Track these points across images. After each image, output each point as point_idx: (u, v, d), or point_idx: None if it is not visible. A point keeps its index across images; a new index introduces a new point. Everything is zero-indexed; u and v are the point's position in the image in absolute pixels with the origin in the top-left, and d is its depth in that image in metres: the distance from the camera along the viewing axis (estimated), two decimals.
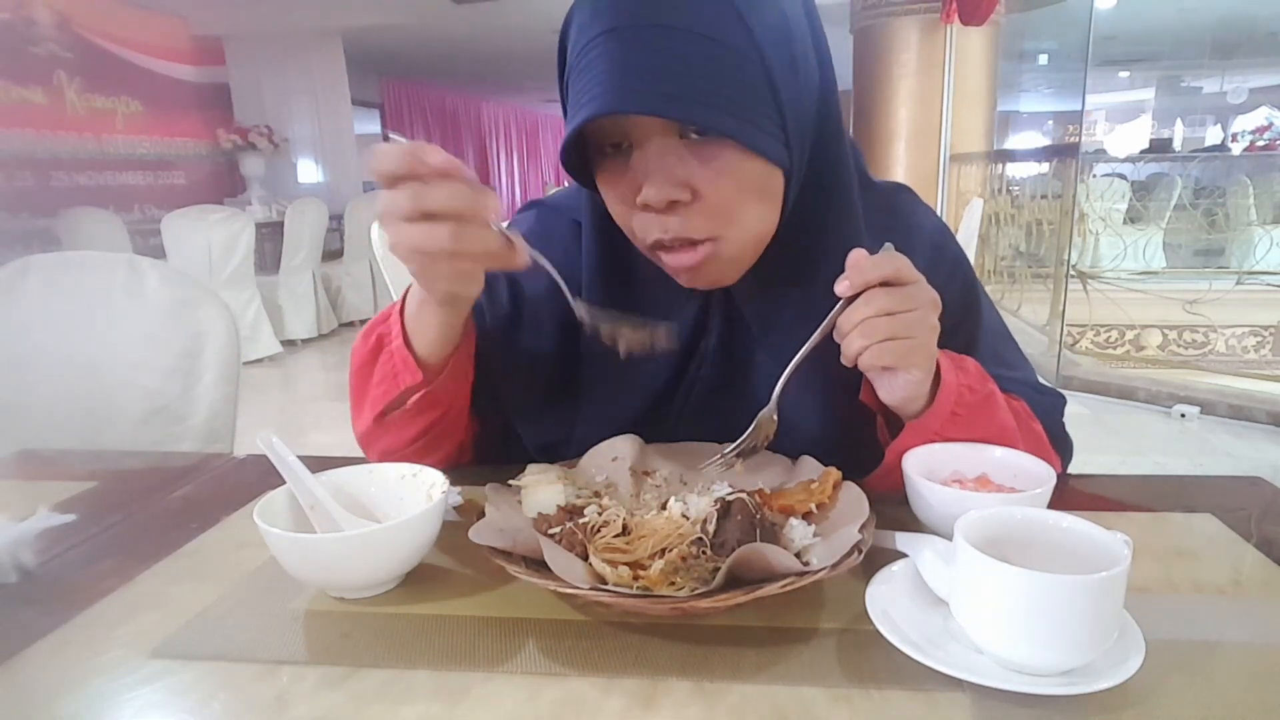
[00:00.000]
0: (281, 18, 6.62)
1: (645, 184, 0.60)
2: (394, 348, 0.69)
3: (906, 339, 0.59)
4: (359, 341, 0.73)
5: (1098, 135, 10.24)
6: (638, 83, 0.56)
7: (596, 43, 0.58)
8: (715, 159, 0.60)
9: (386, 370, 0.70)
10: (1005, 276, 5.38)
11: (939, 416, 0.65)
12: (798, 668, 0.48)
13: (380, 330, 0.71)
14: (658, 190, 0.59)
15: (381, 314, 0.72)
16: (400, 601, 0.57)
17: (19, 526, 0.64)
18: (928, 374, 0.63)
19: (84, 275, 1.21)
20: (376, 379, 0.71)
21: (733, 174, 0.60)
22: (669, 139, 0.60)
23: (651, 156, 0.60)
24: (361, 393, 0.73)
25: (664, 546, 0.55)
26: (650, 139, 0.60)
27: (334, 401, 4.40)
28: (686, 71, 0.56)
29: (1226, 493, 0.74)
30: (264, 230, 5.44)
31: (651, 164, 0.60)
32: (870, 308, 0.59)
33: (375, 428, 0.73)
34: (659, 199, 0.59)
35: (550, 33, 3.16)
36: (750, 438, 0.66)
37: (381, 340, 0.70)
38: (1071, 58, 7.05)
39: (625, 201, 0.63)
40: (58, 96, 5.38)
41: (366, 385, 0.72)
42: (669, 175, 0.59)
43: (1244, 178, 5.78)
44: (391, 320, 0.69)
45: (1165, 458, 3.10)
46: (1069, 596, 0.43)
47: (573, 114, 0.59)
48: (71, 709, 0.47)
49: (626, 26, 0.57)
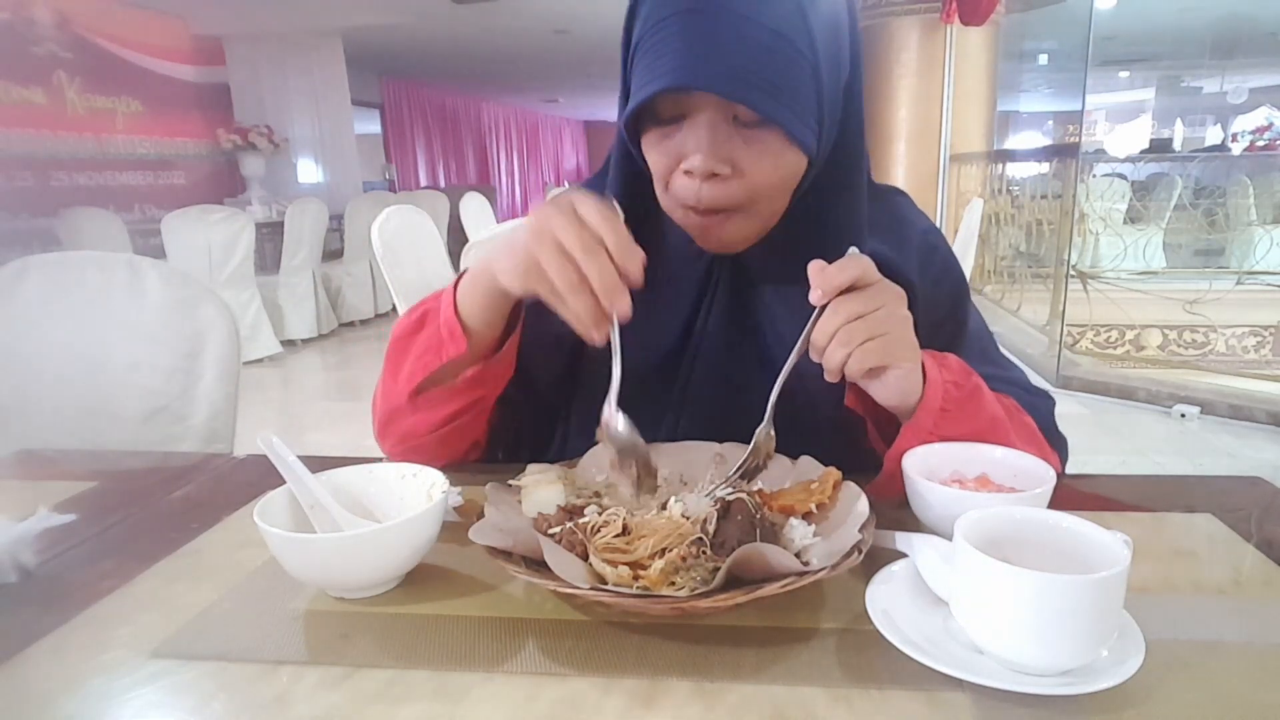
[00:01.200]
0: (281, 18, 6.61)
1: (693, 153, 0.64)
2: (443, 319, 0.71)
3: (884, 335, 0.61)
4: (403, 318, 0.76)
5: (1098, 135, 10.24)
6: (710, 63, 0.61)
7: (672, 21, 0.62)
8: (758, 142, 0.65)
9: (432, 341, 0.72)
10: (1005, 276, 5.38)
11: (930, 413, 0.66)
12: (798, 668, 0.49)
13: (428, 305, 0.74)
14: (703, 161, 0.64)
15: (427, 297, 0.75)
16: (400, 601, 0.57)
17: (19, 526, 0.64)
18: (915, 364, 0.65)
19: (84, 275, 1.21)
20: (419, 350, 0.73)
21: (771, 159, 0.66)
22: (720, 117, 0.64)
23: (703, 130, 0.64)
24: (397, 365, 0.75)
25: (664, 546, 0.55)
26: (703, 113, 0.64)
27: (334, 401, 4.40)
28: (753, 59, 0.61)
29: (1226, 493, 0.74)
30: (264, 230, 5.44)
31: (702, 137, 0.64)
32: (840, 315, 0.61)
33: (406, 405, 0.74)
34: (703, 169, 0.64)
35: (551, 33, 3.16)
36: (751, 458, 0.66)
37: (427, 315, 0.73)
38: (1071, 58, 7.06)
39: (667, 164, 0.67)
40: (58, 96, 5.38)
41: (404, 358, 0.74)
42: (716, 150, 0.64)
43: (1244, 178, 5.79)
44: (443, 296, 0.72)
45: (1165, 458, 3.10)
46: (1069, 596, 0.43)
47: (644, 82, 0.63)
48: (71, 709, 0.47)
49: (703, 9, 0.61)
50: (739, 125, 0.65)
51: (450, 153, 12.17)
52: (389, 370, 0.76)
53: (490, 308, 0.70)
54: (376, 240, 2.34)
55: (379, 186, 9.53)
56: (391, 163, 10.64)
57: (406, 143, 10.96)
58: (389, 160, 10.68)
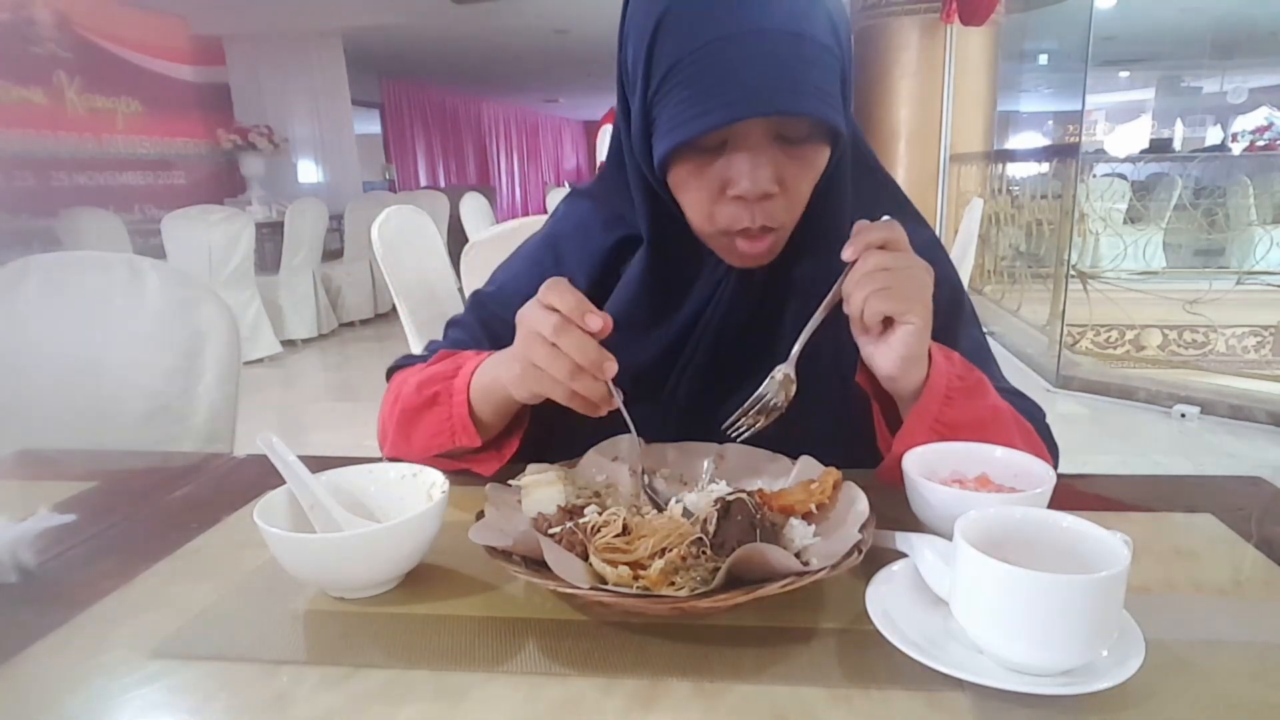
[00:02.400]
0: (281, 18, 6.61)
1: (744, 178, 0.64)
2: (455, 414, 0.73)
3: (902, 286, 0.64)
4: (412, 391, 0.76)
5: (1098, 135, 10.24)
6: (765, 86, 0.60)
7: (710, 50, 0.61)
8: (800, 158, 0.66)
9: (444, 425, 0.74)
10: (1005, 276, 5.38)
11: (935, 397, 0.67)
12: (798, 668, 0.49)
13: (437, 389, 0.75)
14: (754, 184, 0.64)
15: (442, 368, 0.76)
16: (400, 601, 0.57)
17: (19, 526, 0.64)
18: (926, 326, 0.66)
19: (84, 275, 1.21)
20: (430, 430, 0.75)
21: (813, 167, 0.67)
22: (766, 138, 0.64)
23: (753, 154, 0.64)
24: (407, 432, 0.77)
25: (664, 546, 0.55)
26: (750, 139, 0.64)
27: (334, 401, 4.40)
28: (800, 72, 0.61)
29: (1226, 493, 0.74)
30: (264, 230, 5.43)
31: (754, 161, 0.64)
32: (868, 264, 0.64)
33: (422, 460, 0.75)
34: (755, 192, 0.64)
35: (551, 33, 3.15)
36: (771, 393, 0.68)
37: (438, 398, 0.75)
38: (1071, 58, 7.05)
39: (712, 193, 0.67)
40: (58, 96, 5.38)
41: (413, 429, 0.76)
42: (765, 172, 0.64)
43: (1244, 178, 5.78)
44: (454, 385, 0.74)
45: (1165, 458, 3.10)
46: (1069, 596, 0.43)
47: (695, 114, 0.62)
48: (71, 709, 0.47)
49: (742, 33, 0.60)
50: (782, 143, 0.65)
51: (450, 153, 12.17)
52: (399, 431, 0.77)
53: (501, 413, 0.73)
54: (376, 240, 2.33)
55: (379, 186, 9.54)
56: (391, 163, 10.64)
57: (406, 143, 10.95)
58: (389, 160, 10.68)
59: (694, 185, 0.67)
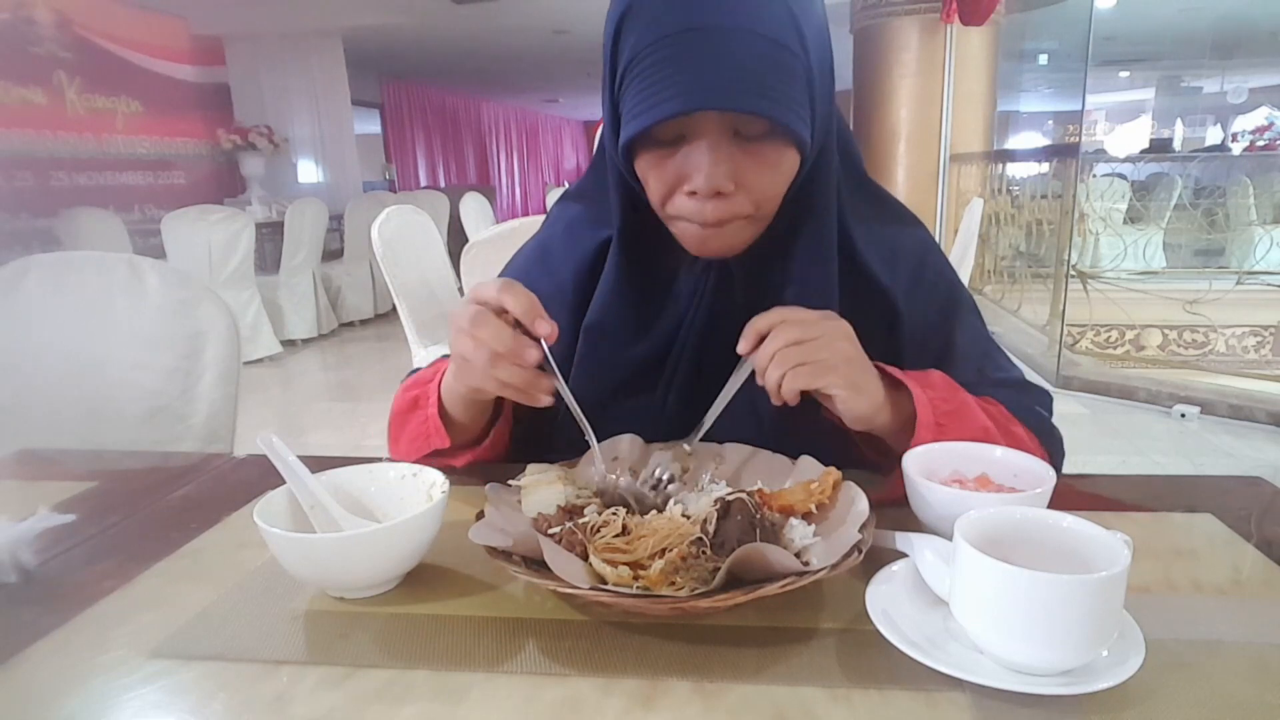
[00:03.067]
0: (281, 18, 6.61)
1: (697, 174, 0.64)
2: (429, 414, 0.75)
3: (816, 361, 0.64)
4: (400, 393, 0.80)
5: (1098, 135, 10.24)
6: (715, 81, 0.60)
7: (668, 43, 0.61)
8: (758, 155, 0.65)
9: (419, 430, 0.76)
10: (1005, 276, 5.38)
11: (927, 429, 0.67)
12: (798, 668, 0.49)
13: (418, 393, 0.77)
14: (708, 181, 0.64)
15: (425, 373, 0.79)
16: (400, 601, 0.57)
17: (19, 526, 0.64)
18: (857, 391, 0.66)
19: (84, 275, 1.21)
20: (411, 434, 0.77)
21: (773, 167, 0.66)
22: (722, 135, 0.64)
23: (706, 151, 0.64)
24: (398, 432, 0.80)
25: (664, 546, 0.55)
26: (705, 134, 0.64)
27: (334, 401, 4.40)
28: (755, 71, 0.61)
29: (1226, 493, 0.74)
30: (264, 230, 5.44)
31: (705, 157, 0.64)
32: (777, 341, 0.64)
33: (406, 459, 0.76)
34: (708, 188, 0.64)
35: (551, 33, 3.16)
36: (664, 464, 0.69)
37: (418, 401, 0.77)
38: (1071, 58, 7.05)
39: (668, 185, 0.67)
40: (58, 96, 5.37)
41: (402, 431, 0.79)
42: (720, 169, 0.64)
43: (1244, 178, 5.78)
44: (430, 388, 0.75)
45: (1165, 458, 3.09)
46: (1069, 596, 0.43)
47: (646, 106, 0.62)
48: (71, 709, 0.47)
49: (698, 27, 0.60)
50: (739, 140, 0.64)
51: (450, 153, 12.17)
52: (392, 435, 0.81)
53: (467, 409, 0.73)
54: (376, 240, 2.34)
55: (379, 186, 9.53)
56: (391, 163, 10.64)
57: (406, 143, 10.95)
58: (389, 160, 10.68)
59: (652, 177, 0.68)
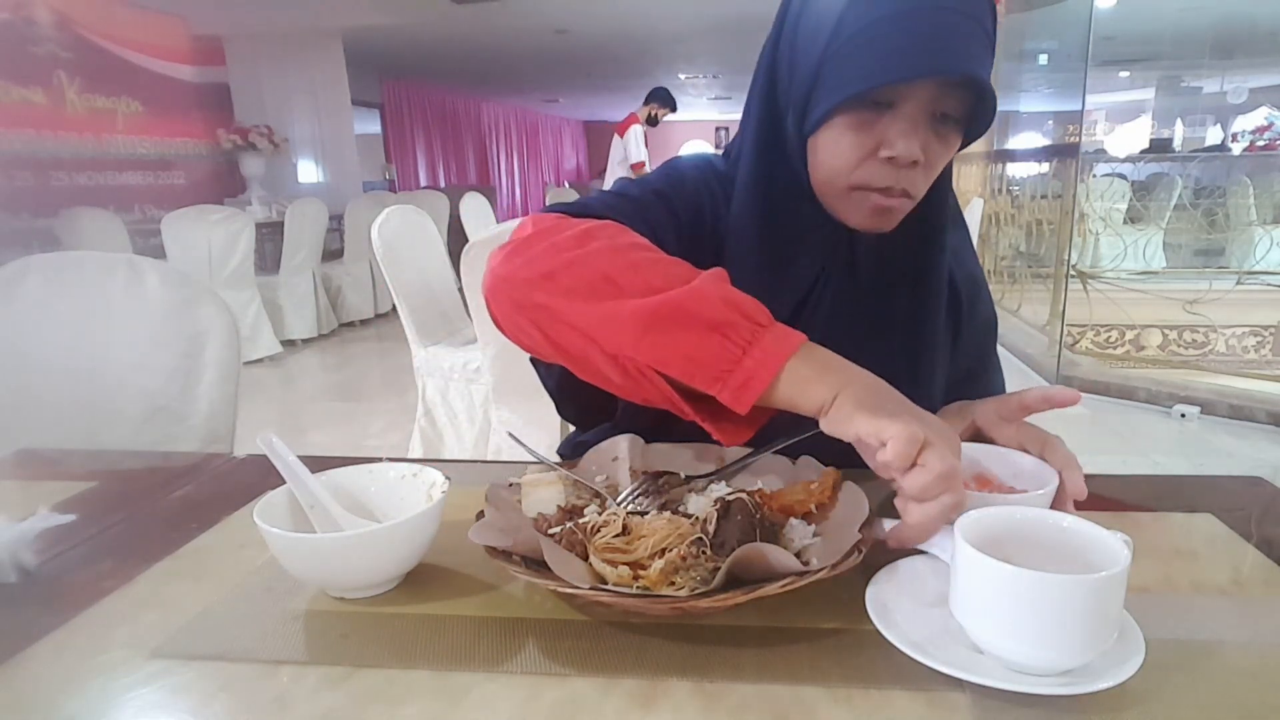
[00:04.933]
0: (281, 18, 6.61)
1: (900, 140, 0.67)
2: (751, 366, 0.55)
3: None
4: (707, 282, 0.58)
5: (1098, 135, 10.23)
6: (964, 51, 0.64)
7: (889, 21, 0.64)
8: (946, 137, 0.69)
9: (717, 358, 0.55)
10: (1005, 276, 5.38)
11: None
12: (798, 668, 0.49)
13: (736, 319, 0.56)
14: (908, 149, 0.66)
15: (739, 298, 0.57)
16: (400, 601, 0.57)
17: (19, 526, 0.64)
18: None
19: (84, 275, 1.21)
20: (690, 348, 0.55)
21: (950, 148, 0.70)
22: (925, 111, 0.67)
23: (914, 120, 0.67)
24: (653, 321, 0.56)
25: (664, 546, 0.55)
26: (913, 104, 0.67)
27: (334, 401, 4.40)
28: (982, 57, 0.65)
29: (1226, 493, 0.74)
30: (264, 230, 5.43)
31: (911, 126, 0.67)
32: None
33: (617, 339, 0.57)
34: (908, 156, 0.67)
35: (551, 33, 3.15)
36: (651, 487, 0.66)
37: (731, 329, 0.55)
38: (1071, 58, 7.04)
39: (866, 150, 0.69)
40: (58, 96, 5.37)
41: (670, 327, 0.56)
42: (919, 139, 0.67)
43: (1244, 178, 5.78)
44: (770, 341, 0.56)
45: (1165, 458, 3.09)
46: (1069, 596, 0.43)
47: (869, 72, 0.65)
48: (71, 709, 0.47)
49: (941, 6, 0.64)
50: (934, 122, 0.68)
51: (450, 153, 12.17)
52: (637, 283, 0.58)
53: (791, 410, 0.56)
54: (376, 240, 2.34)
55: (379, 186, 9.53)
56: (391, 163, 10.64)
57: (406, 143, 10.95)
58: (389, 160, 10.68)
59: (849, 140, 0.69)
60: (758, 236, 0.76)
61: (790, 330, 0.57)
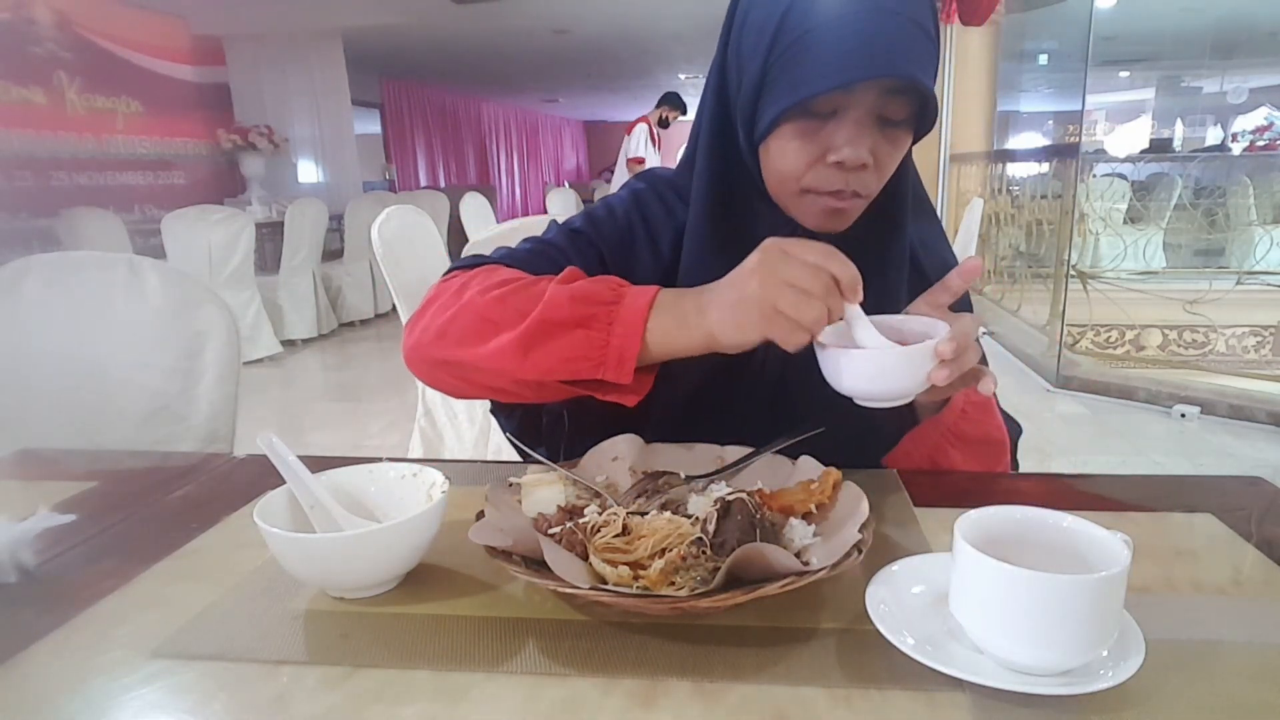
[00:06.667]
0: (281, 18, 6.61)
1: (847, 145, 0.67)
2: (615, 344, 0.62)
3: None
4: (562, 303, 0.64)
5: (1098, 135, 10.23)
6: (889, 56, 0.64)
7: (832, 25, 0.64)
8: (892, 140, 0.69)
9: (593, 353, 0.63)
10: (1005, 276, 5.38)
11: (953, 412, 0.74)
12: (798, 668, 0.49)
13: (594, 312, 0.63)
14: (855, 154, 0.67)
15: (589, 292, 0.64)
16: (400, 601, 0.57)
17: (19, 526, 0.64)
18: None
19: (84, 275, 1.21)
20: (568, 351, 0.63)
21: (900, 148, 0.71)
22: (871, 115, 0.68)
23: (859, 125, 0.67)
24: (534, 341, 0.64)
25: (664, 546, 0.55)
26: (858, 109, 0.67)
27: (334, 401, 4.40)
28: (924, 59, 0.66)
29: (1226, 493, 0.74)
30: (264, 230, 5.43)
31: (857, 130, 0.67)
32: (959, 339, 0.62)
33: (502, 365, 0.65)
34: (855, 160, 0.67)
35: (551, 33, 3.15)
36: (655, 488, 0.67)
37: (592, 320, 0.63)
38: (1071, 58, 7.04)
39: (813, 155, 0.69)
40: (58, 96, 5.37)
41: (546, 341, 0.64)
42: (866, 143, 0.68)
43: (1244, 178, 5.78)
44: (622, 315, 0.63)
45: (1165, 458, 3.09)
46: (1069, 596, 0.43)
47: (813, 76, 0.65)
48: (71, 709, 0.47)
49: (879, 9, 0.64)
50: (881, 124, 0.68)
51: (450, 153, 12.16)
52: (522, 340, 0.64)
53: (676, 356, 0.64)
54: (376, 240, 2.33)
55: (379, 186, 9.53)
56: (391, 163, 10.64)
57: (406, 143, 10.95)
58: (389, 160, 10.68)
59: (795, 148, 0.69)
60: (713, 237, 0.76)
61: (641, 292, 0.64)
